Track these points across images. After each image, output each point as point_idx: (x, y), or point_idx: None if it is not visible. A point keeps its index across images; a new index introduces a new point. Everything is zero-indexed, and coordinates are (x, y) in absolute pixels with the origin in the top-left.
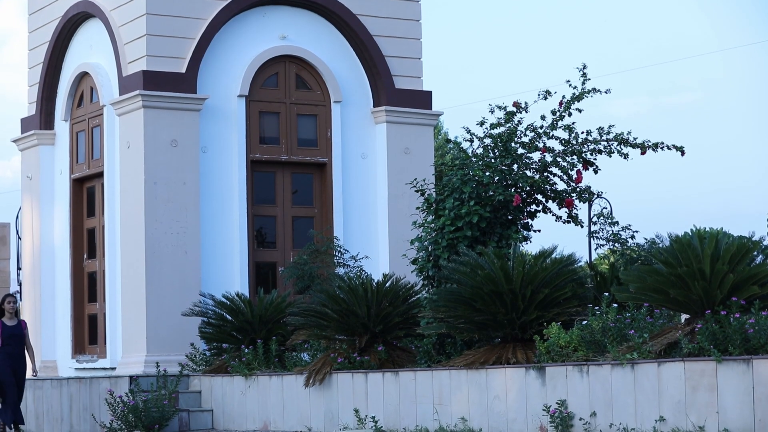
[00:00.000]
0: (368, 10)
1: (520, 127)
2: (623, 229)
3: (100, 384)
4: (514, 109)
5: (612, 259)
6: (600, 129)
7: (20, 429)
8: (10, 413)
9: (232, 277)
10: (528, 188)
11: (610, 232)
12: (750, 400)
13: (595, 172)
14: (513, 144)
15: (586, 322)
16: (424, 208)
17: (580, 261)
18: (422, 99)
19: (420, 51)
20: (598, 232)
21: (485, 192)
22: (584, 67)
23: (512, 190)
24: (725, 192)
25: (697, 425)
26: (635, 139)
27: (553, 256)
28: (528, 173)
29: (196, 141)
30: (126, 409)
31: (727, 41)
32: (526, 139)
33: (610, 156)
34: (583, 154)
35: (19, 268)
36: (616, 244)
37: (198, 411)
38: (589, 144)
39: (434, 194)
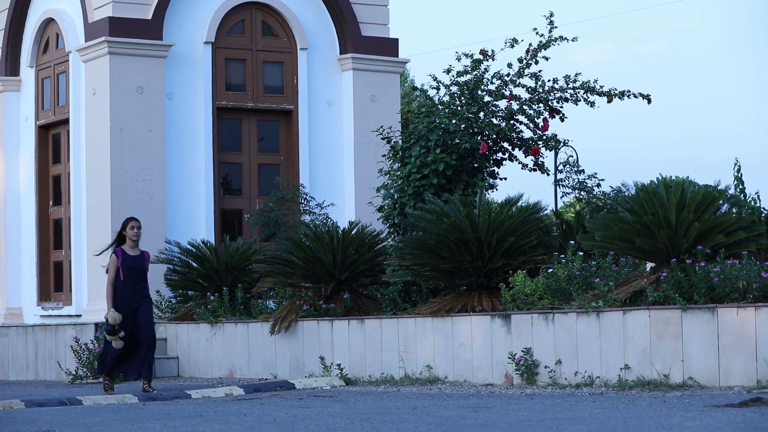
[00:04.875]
0: None
1: (486, 75)
2: (589, 177)
3: (66, 331)
4: (481, 57)
5: (578, 208)
6: (566, 77)
7: (150, 385)
8: (132, 364)
9: (198, 225)
10: (494, 136)
11: (576, 180)
12: (715, 348)
13: (562, 120)
14: (479, 92)
15: (551, 270)
16: (390, 155)
17: (546, 209)
18: (389, 46)
19: None
20: (564, 181)
21: (451, 140)
22: (551, 14)
23: (478, 138)
24: (691, 141)
25: (662, 373)
26: (602, 87)
27: (519, 204)
28: (494, 121)
29: (162, 88)
30: (91, 356)
31: None
32: (492, 87)
33: (577, 104)
34: (550, 102)
35: None
36: (582, 193)
37: (164, 358)
38: (555, 92)
39: (400, 142)
